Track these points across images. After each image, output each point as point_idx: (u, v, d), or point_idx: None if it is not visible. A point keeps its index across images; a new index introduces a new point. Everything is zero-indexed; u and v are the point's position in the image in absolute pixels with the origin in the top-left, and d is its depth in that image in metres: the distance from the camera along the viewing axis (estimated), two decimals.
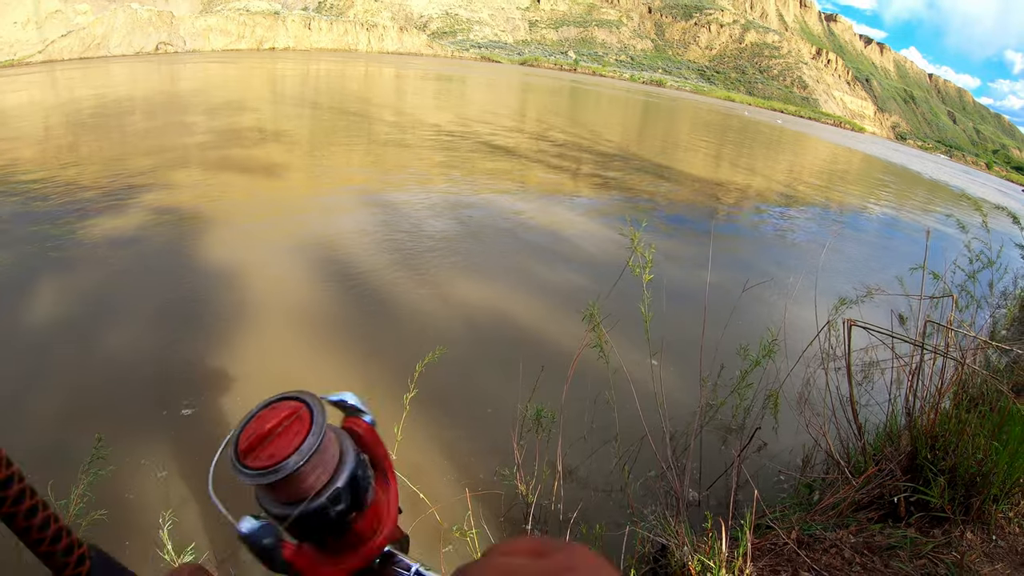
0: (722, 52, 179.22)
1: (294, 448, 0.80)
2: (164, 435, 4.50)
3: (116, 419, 4.61)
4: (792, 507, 3.87)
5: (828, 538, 3.22)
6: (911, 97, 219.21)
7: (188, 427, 4.63)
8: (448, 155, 17.16)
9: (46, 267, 7.03)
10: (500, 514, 4.14)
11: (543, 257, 9.53)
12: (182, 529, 3.54)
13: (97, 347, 5.54)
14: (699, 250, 11.40)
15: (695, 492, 4.42)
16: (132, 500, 3.89)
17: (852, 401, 3.94)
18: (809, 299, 5.74)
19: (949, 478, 3.24)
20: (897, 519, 3.35)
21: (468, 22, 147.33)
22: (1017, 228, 8.72)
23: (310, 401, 0.87)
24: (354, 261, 8.23)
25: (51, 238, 7.73)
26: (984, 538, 3.17)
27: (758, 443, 4.72)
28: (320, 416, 0.84)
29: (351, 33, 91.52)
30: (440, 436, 4.89)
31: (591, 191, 15.63)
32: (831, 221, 18.13)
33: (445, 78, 54.63)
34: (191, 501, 3.91)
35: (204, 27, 63.50)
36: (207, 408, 4.88)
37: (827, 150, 54.46)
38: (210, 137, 15.30)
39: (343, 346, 6.10)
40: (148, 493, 3.97)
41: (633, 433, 4.75)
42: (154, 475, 4.10)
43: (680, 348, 5.40)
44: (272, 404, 0.87)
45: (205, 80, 31.31)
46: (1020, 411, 3.10)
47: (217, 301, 6.68)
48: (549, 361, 5.43)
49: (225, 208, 9.72)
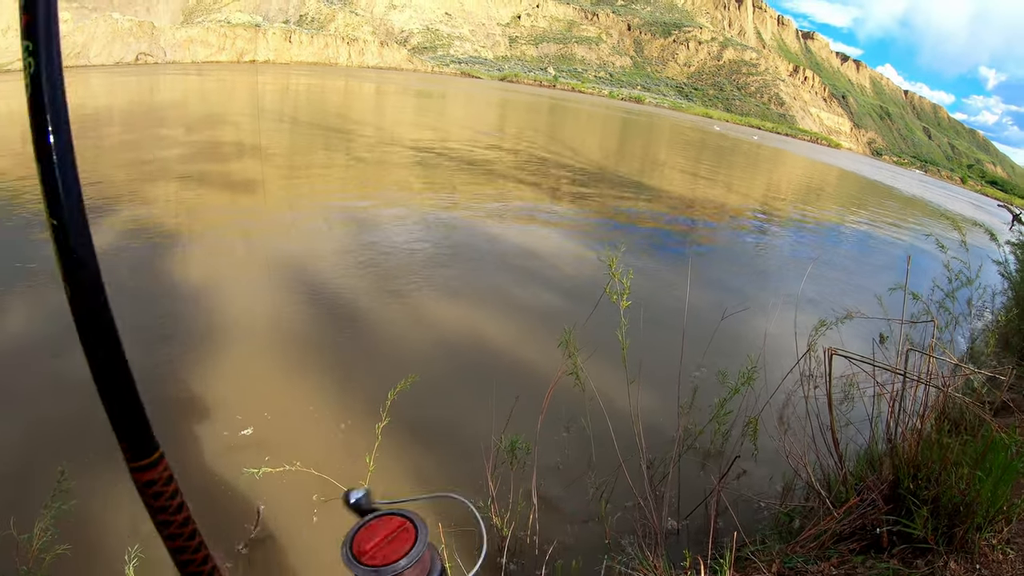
0: (700, 69, 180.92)
1: (404, 553, 0.98)
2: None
3: (81, 449, 4.44)
4: (772, 537, 3.79)
5: (809, 571, 3.15)
6: (887, 113, 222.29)
7: None
8: (426, 172, 17.11)
9: (10, 285, 6.82)
10: (474, 547, 4.02)
11: (520, 279, 9.44)
12: (148, 564, 3.40)
13: (61, 372, 5.33)
14: (677, 271, 11.38)
15: (674, 521, 4.34)
16: (97, 534, 3.75)
17: (833, 431, 3.87)
18: (789, 321, 5.69)
19: (932, 508, 3.17)
20: (880, 550, 3.29)
21: (449, 37, 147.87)
22: (994, 244, 8.76)
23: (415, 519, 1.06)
24: (329, 282, 8.10)
25: (18, 255, 7.52)
26: (968, 568, 3.10)
27: (737, 471, 4.65)
28: (424, 532, 1.02)
29: (332, 47, 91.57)
30: (413, 467, 4.77)
31: (569, 210, 15.60)
32: (809, 239, 18.25)
33: (425, 94, 54.72)
34: (156, 535, 3.76)
35: (185, 38, 63.26)
36: (175, 437, 4.73)
37: (804, 166, 55.09)
38: (187, 151, 15.13)
39: (316, 371, 5.96)
40: (114, 526, 3.82)
41: (610, 461, 4.66)
42: (120, 508, 3.95)
43: (658, 374, 5.32)
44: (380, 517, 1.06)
45: (184, 92, 31.12)
46: (1003, 439, 3.04)
47: (187, 324, 6.51)
48: (524, 388, 5.35)
49: (199, 226, 9.56)
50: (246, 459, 4.14)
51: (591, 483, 4.69)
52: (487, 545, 1.40)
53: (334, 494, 4.13)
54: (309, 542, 3.94)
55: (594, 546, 4.07)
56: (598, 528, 4.30)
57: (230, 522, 3.93)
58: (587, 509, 4.52)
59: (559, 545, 3.85)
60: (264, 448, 4.55)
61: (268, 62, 74.92)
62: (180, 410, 5.07)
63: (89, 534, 3.71)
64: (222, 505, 4.08)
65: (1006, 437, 3.09)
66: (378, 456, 4.35)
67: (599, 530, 4.25)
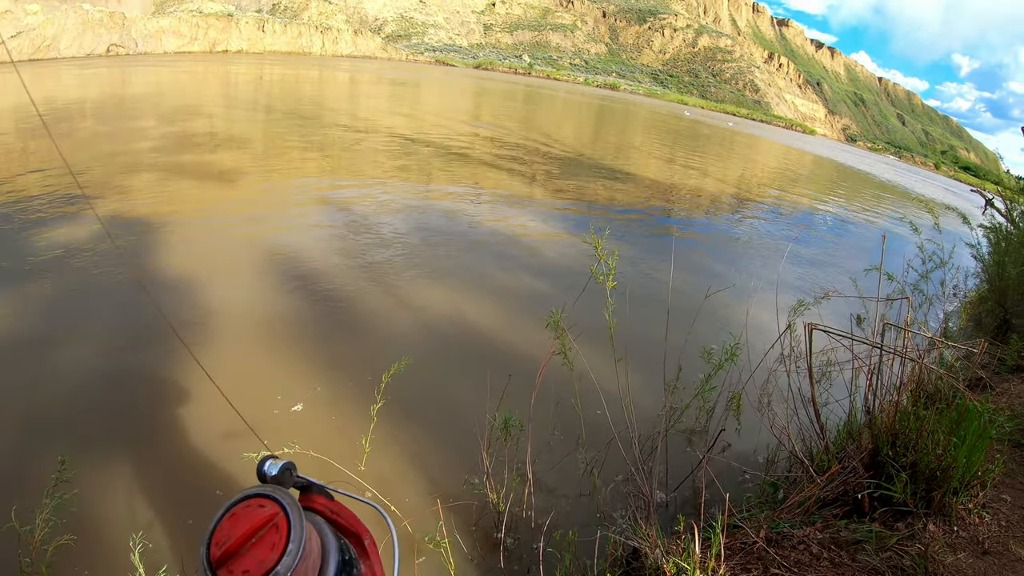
0: (675, 56, 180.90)
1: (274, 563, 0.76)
2: (128, 453, 4.37)
3: (78, 439, 4.46)
4: (759, 506, 3.93)
5: (796, 535, 3.27)
6: (861, 100, 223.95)
7: (152, 444, 4.51)
8: (404, 160, 17.02)
9: None
10: (472, 523, 4.13)
11: (503, 263, 9.52)
12: (153, 551, 3.44)
13: (52, 364, 5.33)
14: (658, 253, 11.52)
15: (662, 494, 4.46)
16: (100, 523, 3.77)
17: (814, 403, 4.01)
18: (768, 300, 5.84)
19: (910, 473, 3.32)
20: (861, 514, 3.42)
21: (423, 25, 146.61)
22: (967, 228, 8.98)
23: (284, 501, 0.81)
24: (313, 269, 8.11)
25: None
26: (946, 529, 3.24)
27: (723, 444, 4.79)
28: (298, 520, 0.79)
29: (305, 36, 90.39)
30: (409, 447, 4.85)
31: (548, 195, 15.66)
32: (787, 222, 18.46)
33: (399, 82, 54.25)
34: (160, 522, 3.81)
35: (156, 29, 62.07)
36: (169, 423, 4.76)
37: (779, 152, 55.43)
38: (162, 143, 14.93)
39: (305, 357, 5.99)
40: (116, 515, 3.85)
41: (600, 438, 4.78)
42: (121, 496, 3.98)
43: (644, 352, 5.43)
44: (243, 502, 0.81)
45: (157, 83, 30.66)
46: (977, 408, 3.19)
47: (174, 313, 6.49)
48: (515, 368, 5.44)
49: (178, 216, 9.46)
50: (245, 445, 4.19)
51: (582, 459, 4.80)
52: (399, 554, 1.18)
53: (335, 476, 4.20)
54: None
55: (588, 519, 4.18)
56: (590, 501, 4.42)
57: None
58: (580, 484, 4.63)
59: (554, 519, 3.96)
60: (261, 434, 4.59)
61: (241, 52, 73.69)
62: (168, 397, 5.07)
63: (92, 523, 3.74)
64: (224, 492, 4.12)
65: (979, 405, 3.24)
66: (374, 437, 4.43)
67: (592, 503, 4.37)
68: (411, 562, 3.59)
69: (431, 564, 3.60)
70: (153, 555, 3.40)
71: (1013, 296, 7.78)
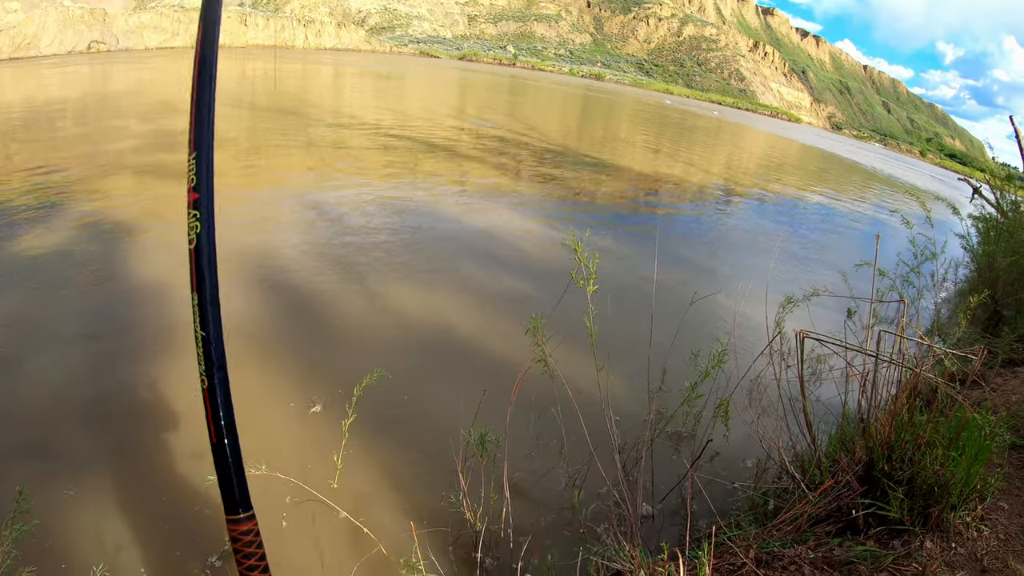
0: (660, 45, 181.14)
1: None
2: (91, 478, 4.15)
3: (41, 460, 4.24)
4: (747, 520, 3.77)
5: (787, 555, 3.14)
6: (847, 88, 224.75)
7: (116, 467, 4.30)
8: (387, 156, 16.84)
9: None
10: (449, 543, 3.95)
11: (485, 264, 9.33)
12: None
13: (16, 379, 5.10)
14: (643, 250, 11.36)
15: (648, 506, 4.32)
16: (63, 553, 3.56)
17: (807, 415, 3.86)
18: (757, 297, 5.68)
19: (907, 489, 3.18)
20: (856, 531, 3.29)
21: (407, 17, 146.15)
22: (956, 218, 8.91)
23: None
24: (287, 271, 7.90)
25: None
26: (944, 546, 3.12)
27: (710, 453, 4.64)
28: None
29: (288, 29, 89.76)
30: (383, 463, 4.67)
31: (532, 190, 15.52)
32: (774, 213, 18.41)
33: (384, 75, 53.93)
34: (126, 549, 3.62)
35: (137, 24, 61.36)
36: (135, 445, 4.55)
37: (765, 140, 55.60)
38: (142, 142, 14.68)
39: (278, 364, 5.78)
40: (80, 544, 3.64)
41: (582, 449, 4.61)
42: (84, 525, 3.77)
43: (627, 358, 5.28)
44: None
45: (138, 80, 30.31)
46: (976, 420, 3.05)
47: (147, 319, 6.26)
48: (493, 377, 5.30)
49: (156, 217, 9.25)
50: (210, 468, 4.01)
51: (563, 472, 4.64)
52: None
53: (304, 496, 4.02)
54: (281, 549, 3.80)
55: (569, 537, 4.02)
56: (572, 518, 4.26)
57: (201, 533, 3.79)
58: (560, 499, 4.47)
59: (534, 537, 3.79)
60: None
61: (223, 46, 72.90)
62: (137, 411, 4.87)
63: (55, 553, 3.54)
64: (191, 516, 3.93)
65: (979, 417, 3.10)
66: (346, 454, 4.25)
67: (574, 520, 4.21)
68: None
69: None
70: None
71: (1003, 287, 7.70)
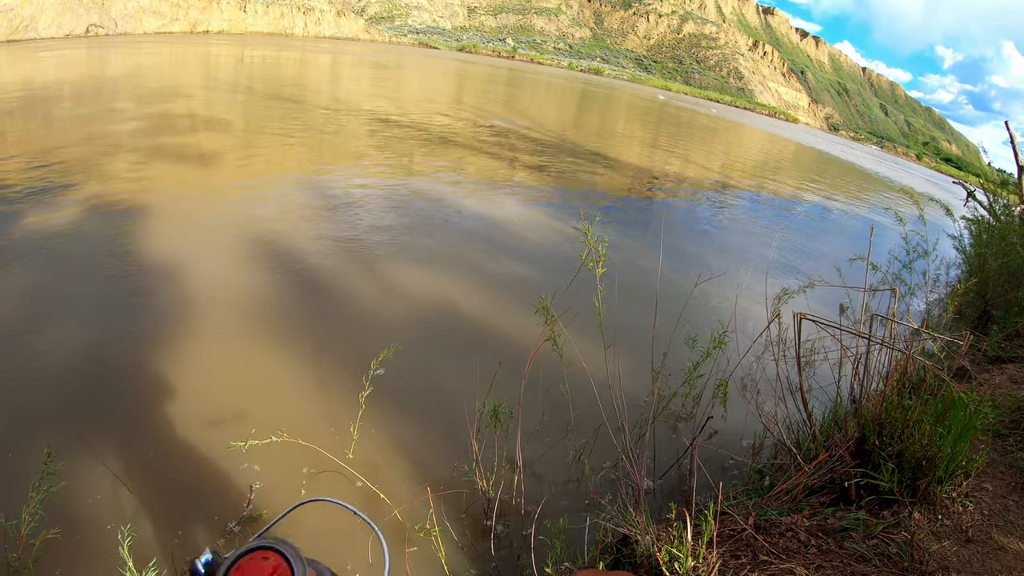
0: (660, 42, 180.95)
1: None
2: (114, 443, 4.31)
3: (63, 428, 4.38)
4: (746, 493, 3.96)
5: (784, 522, 3.31)
6: (845, 89, 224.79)
7: (138, 433, 4.46)
8: (387, 145, 16.86)
9: None
10: (462, 511, 4.13)
11: (490, 249, 9.48)
12: (141, 544, 3.41)
13: (35, 353, 5.22)
14: (644, 239, 11.54)
15: (650, 481, 4.49)
16: (87, 516, 3.70)
17: (803, 392, 4.05)
18: (755, 287, 5.87)
19: (896, 462, 3.36)
20: (848, 502, 3.46)
21: (407, 7, 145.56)
22: (950, 219, 9.08)
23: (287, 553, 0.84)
24: (297, 254, 8.03)
25: None
26: (931, 517, 3.29)
27: (709, 431, 4.83)
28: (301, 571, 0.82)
29: (287, 16, 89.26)
30: (398, 434, 4.83)
31: (534, 180, 15.64)
32: (771, 209, 18.57)
33: (382, 65, 53.72)
34: (147, 513, 3.76)
35: (136, 8, 60.93)
36: (155, 412, 4.71)
37: (762, 139, 55.62)
38: (143, 125, 14.67)
39: (291, 343, 5.95)
40: (103, 507, 3.78)
41: (589, 424, 4.80)
42: (108, 487, 3.92)
43: (633, 339, 5.44)
44: (247, 555, 0.84)
45: (137, 64, 30.19)
46: (963, 399, 3.23)
47: (157, 299, 6.39)
48: (504, 354, 5.45)
49: (160, 200, 9.30)
50: (231, 433, 4.14)
51: (572, 445, 4.83)
52: (388, 557, 1.33)
53: (323, 465, 4.19)
54: (298, 516, 3.97)
55: (577, 505, 4.21)
56: (579, 487, 4.45)
57: (221, 499, 3.94)
58: (569, 470, 4.66)
59: (544, 505, 3.97)
60: (248, 422, 4.55)
61: (222, 33, 72.63)
62: (153, 385, 5.00)
63: (79, 515, 3.67)
64: (211, 482, 4.08)
65: (965, 396, 3.28)
66: (362, 425, 4.42)
67: (582, 489, 4.40)
68: (402, 551, 3.57)
69: (422, 553, 3.59)
70: (142, 548, 3.36)
71: (993, 288, 7.87)
